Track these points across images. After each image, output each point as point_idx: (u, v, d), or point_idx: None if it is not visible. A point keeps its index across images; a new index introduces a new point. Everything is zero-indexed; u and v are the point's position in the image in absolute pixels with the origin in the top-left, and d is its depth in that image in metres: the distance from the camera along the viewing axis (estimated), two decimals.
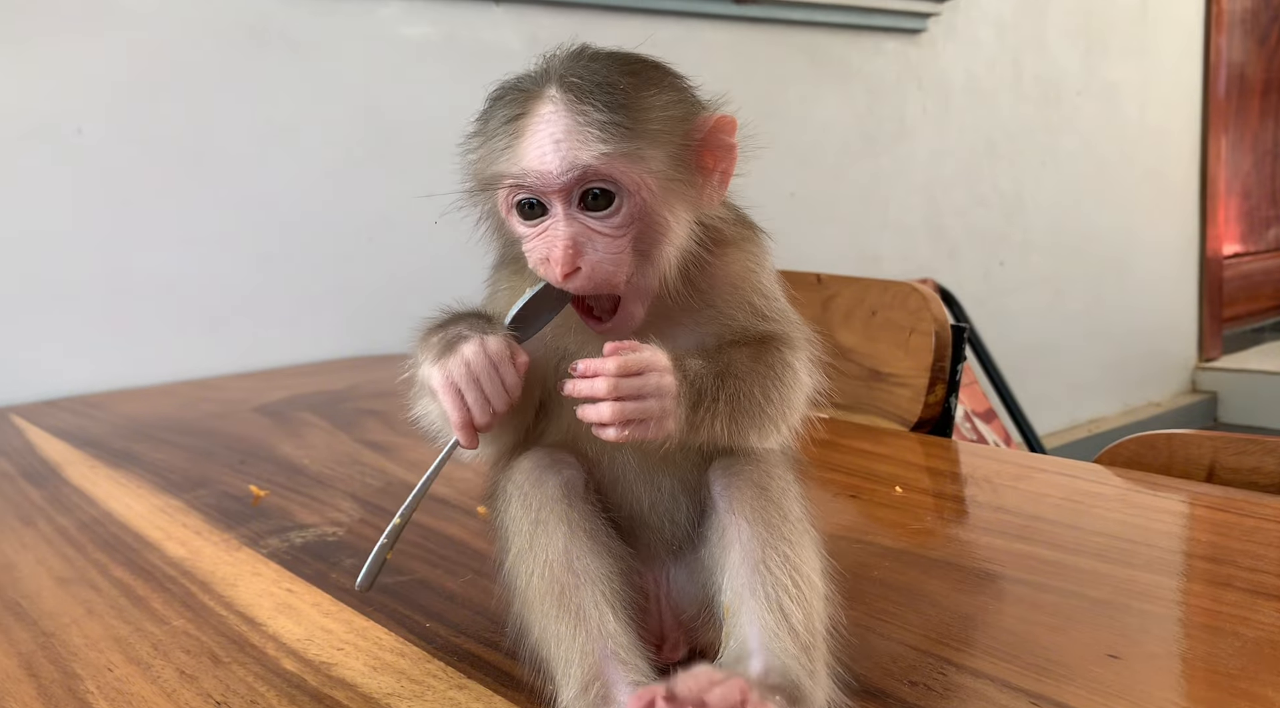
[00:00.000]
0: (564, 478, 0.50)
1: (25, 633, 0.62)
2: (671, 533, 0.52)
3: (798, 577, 0.47)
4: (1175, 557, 0.67)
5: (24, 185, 1.37)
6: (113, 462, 1.03)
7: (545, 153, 0.46)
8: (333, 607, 0.65)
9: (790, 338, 0.53)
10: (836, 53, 2.28)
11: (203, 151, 1.50)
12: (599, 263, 0.47)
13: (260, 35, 1.53)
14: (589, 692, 0.46)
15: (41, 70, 1.37)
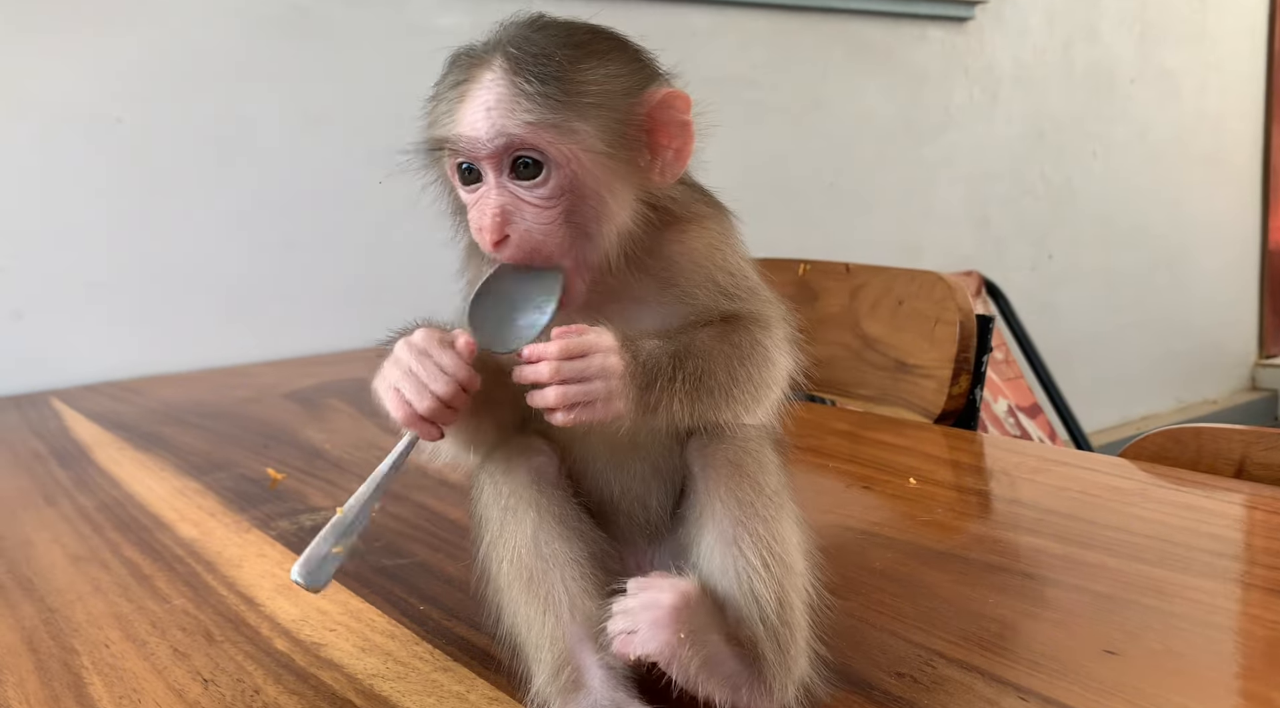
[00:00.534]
0: (534, 465, 0.50)
1: (31, 608, 0.64)
2: (644, 518, 0.52)
3: (770, 557, 0.47)
4: (1190, 553, 0.64)
5: (65, 174, 1.40)
6: (140, 445, 1.05)
7: (477, 119, 0.46)
8: (332, 589, 0.65)
9: (761, 315, 0.51)
10: (879, 41, 2.24)
11: (236, 141, 1.52)
12: (527, 232, 0.47)
13: (292, 26, 1.54)
14: (560, 676, 0.46)
15: (83, 62, 1.40)
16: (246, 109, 1.53)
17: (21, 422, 1.19)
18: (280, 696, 0.51)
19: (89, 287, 1.43)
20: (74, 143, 1.41)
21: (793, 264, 1.32)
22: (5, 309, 1.38)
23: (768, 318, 0.52)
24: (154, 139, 1.46)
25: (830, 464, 0.89)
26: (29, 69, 1.37)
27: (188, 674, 0.54)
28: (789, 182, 2.15)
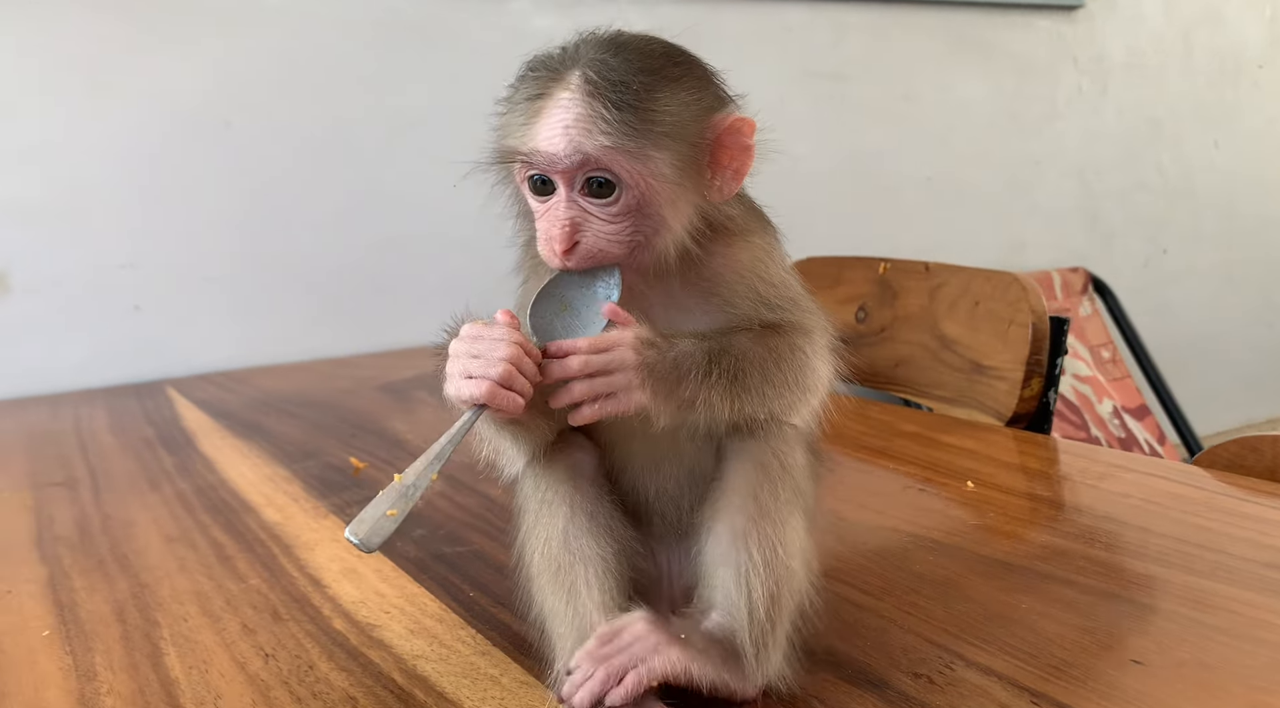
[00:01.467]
0: (573, 462, 0.53)
1: (125, 583, 0.70)
2: (676, 518, 0.54)
3: (772, 557, 0.48)
4: (1245, 565, 0.63)
5: (180, 176, 1.49)
6: (240, 432, 1.11)
7: (554, 137, 0.48)
8: (392, 573, 0.69)
9: (801, 324, 0.53)
10: (980, 32, 2.20)
11: (338, 142, 1.59)
12: (594, 243, 0.49)
13: (389, 31, 1.60)
14: None
15: (197, 68, 1.49)
16: (345, 112, 1.60)
17: (139, 409, 1.28)
18: (331, 672, 0.55)
19: (202, 281, 1.52)
20: (188, 146, 1.50)
21: (874, 262, 1.31)
22: (126, 303, 1.48)
23: (807, 326, 0.54)
24: (260, 141, 1.54)
25: (891, 466, 0.89)
26: (149, 76, 1.46)
27: (252, 649, 0.59)
28: (884, 177, 2.13)
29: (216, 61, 1.50)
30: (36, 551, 0.77)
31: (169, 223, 1.50)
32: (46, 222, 1.42)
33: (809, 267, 1.43)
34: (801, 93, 2.01)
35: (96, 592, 0.68)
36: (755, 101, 1.95)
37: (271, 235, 1.57)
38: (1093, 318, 2.31)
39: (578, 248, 0.49)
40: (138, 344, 1.48)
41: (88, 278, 1.45)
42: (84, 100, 1.43)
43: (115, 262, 1.47)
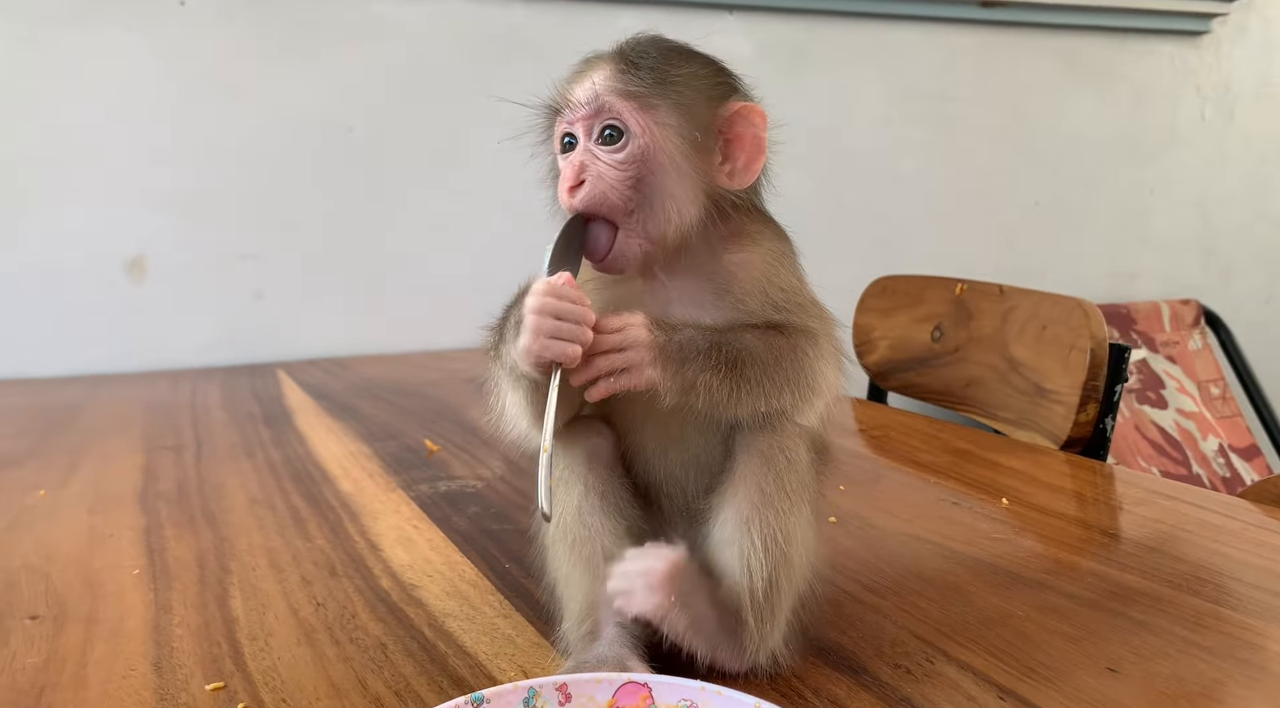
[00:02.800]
0: (590, 446, 0.58)
1: (210, 536, 0.78)
2: (683, 502, 0.58)
3: (771, 544, 0.52)
4: (1254, 592, 0.64)
5: (304, 176, 1.61)
6: (334, 413, 1.20)
7: (581, 90, 0.55)
8: (442, 543, 0.76)
9: (806, 327, 0.56)
10: (1098, 56, 2.17)
11: (451, 149, 1.69)
12: (596, 184, 0.54)
13: (504, 44, 1.69)
14: (581, 626, 0.54)
15: (324, 78, 1.60)
16: (459, 121, 1.69)
17: (249, 387, 1.39)
18: (369, 622, 0.62)
19: (319, 274, 1.64)
20: (313, 148, 1.61)
21: (952, 283, 1.33)
22: (249, 290, 1.60)
23: (812, 330, 0.57)
24: (379, 146, 1.65)
25: (933, 480, 0.91)
26: (279, 85, 1.58)
27: (306, 598, 0.66)
28: (988, 199, 2.12)
29: (341, 72, 1.61)
30: (139, 503, 0.86)
31: (292, 219, 1.62)
32: (181, 214, 1.55)
33: (891, 284, 1.45)
34: (906, 113, 2.03)
35: (183, 541, 0.77)
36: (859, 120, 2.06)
37: (385, 235, 1.67)
38: (1203, 352, 2.24)
39: (582, 188, 0.54)
40: (256, 329, 1.60)
41: (215, 266, 1.58)
42: (219, 106, 1.56)
43: (240, 252, 1.59)
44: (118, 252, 1.53)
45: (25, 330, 1.49)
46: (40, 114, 1.48)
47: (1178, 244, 2.32)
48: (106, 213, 1.52)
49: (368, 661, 0.57)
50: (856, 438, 1.10)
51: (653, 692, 0.45)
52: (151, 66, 1.52)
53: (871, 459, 1.00)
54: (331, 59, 1.61)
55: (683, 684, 0.45)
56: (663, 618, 0.51)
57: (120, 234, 1.53)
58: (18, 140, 1.47)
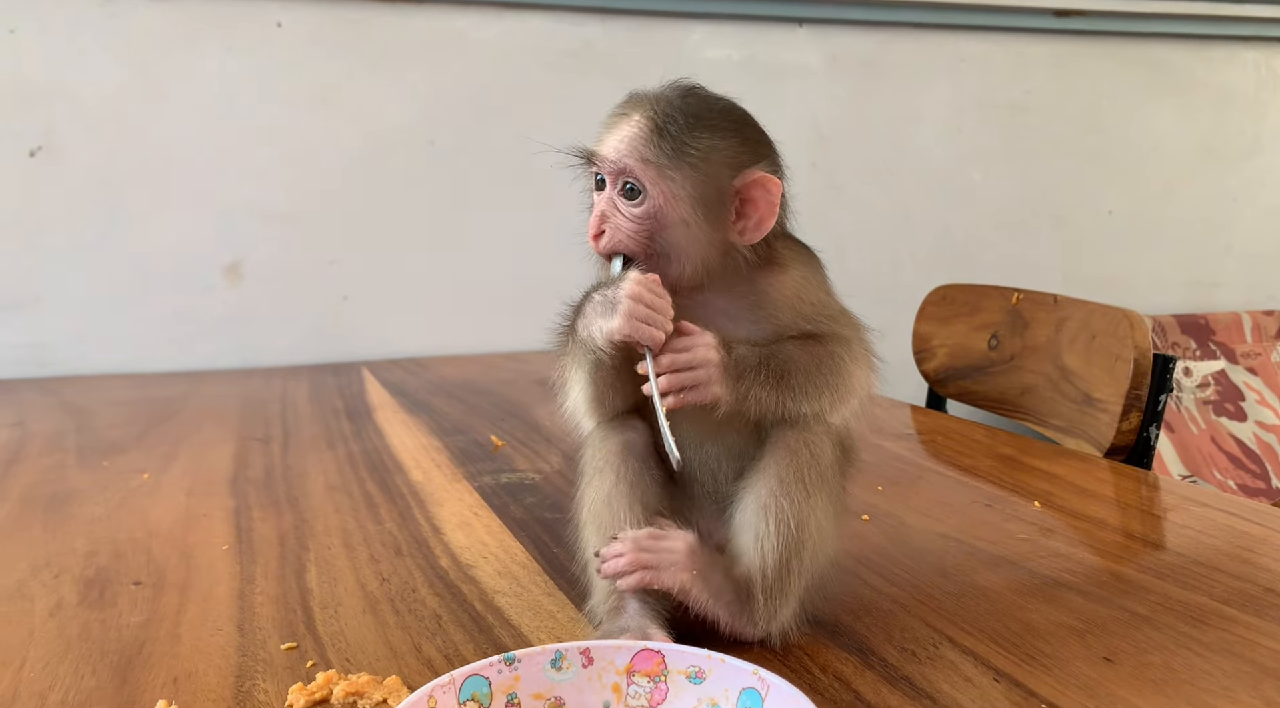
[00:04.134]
0: (625, 439, 0.63)
1: (291, 518, 0.86)
2: (714, 489, 0.64)
3: (785, 530, 0.57)
4: (1265, 595, 0.66)
5: (387, 185, 1.70)
6: (411, 409, 1.28)
7: (611, 146, 0.60)
8: (499, 529, 0.82)
9: (840, 335, 0.62)
10: (1177, 64, 2.14)
11: (527, 161, 1.76)
12: (615, 234, 0.60)
13: (579, 59, 1.76)
14: (608, 601, 0.60)
15: (407, 92, 1.69)
16: (539, 133, 1.76)
17: (335, 384, 1.48)
18: (428, 596, 0.68)
19: (401, 279, 1.73)
20: (396, 159, 1.70)
21: (1009, 292, 1.35)
22: (336, 293, 1.70)
23: (845, 337, 0.63)
24: (459, 158, 1.73)
25: (970, 482, 0.95)
26: (367, 98, 1.68)
27: (373, 574, 0.73)
28: (1060, 209, 2.12)
29: (424, 88, 1.70)
30: (230, 488, 0.95)
31: (376, 227, 1.71)
32: (275, 222, 1.66)
33: (950, 293, 1.47)
34: (977, 122, 2.04)
35: (268, 522, 0.85)
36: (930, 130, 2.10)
37: (463, 241, 1.75)
38: None
39: (602, 236, 0.60)
40: (343, 330, 1.70)
41: (305, 271, 1.68)
42: (311, 121, 1.66)
43: (328, 258, 1.69)
44: (217, 258, 1.64)
45: (134, 330, 1.61)
46: (151, 131, 1.59)
47: (1261, 254, 2.28)
48: (207, 222, 1.63)
49: (423, 629, 0.63)
50: (907, 442, 1.13)
51: (665, 658, 0.50)
52: (250, 85, 1.63)
53: (916, 463, 1.04)
54: (415, 75, 1.70)
55: (692, 653, 0.50)
56: (688, 593, 0.57)
57: (219, 242, 1.64)
58: (130, 156, 1.59)
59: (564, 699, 0.50)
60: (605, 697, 0.50)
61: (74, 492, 0.94)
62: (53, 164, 1.56)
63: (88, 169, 1.57)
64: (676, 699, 0.50)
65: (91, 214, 1.58)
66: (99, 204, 1.59)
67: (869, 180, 1.97)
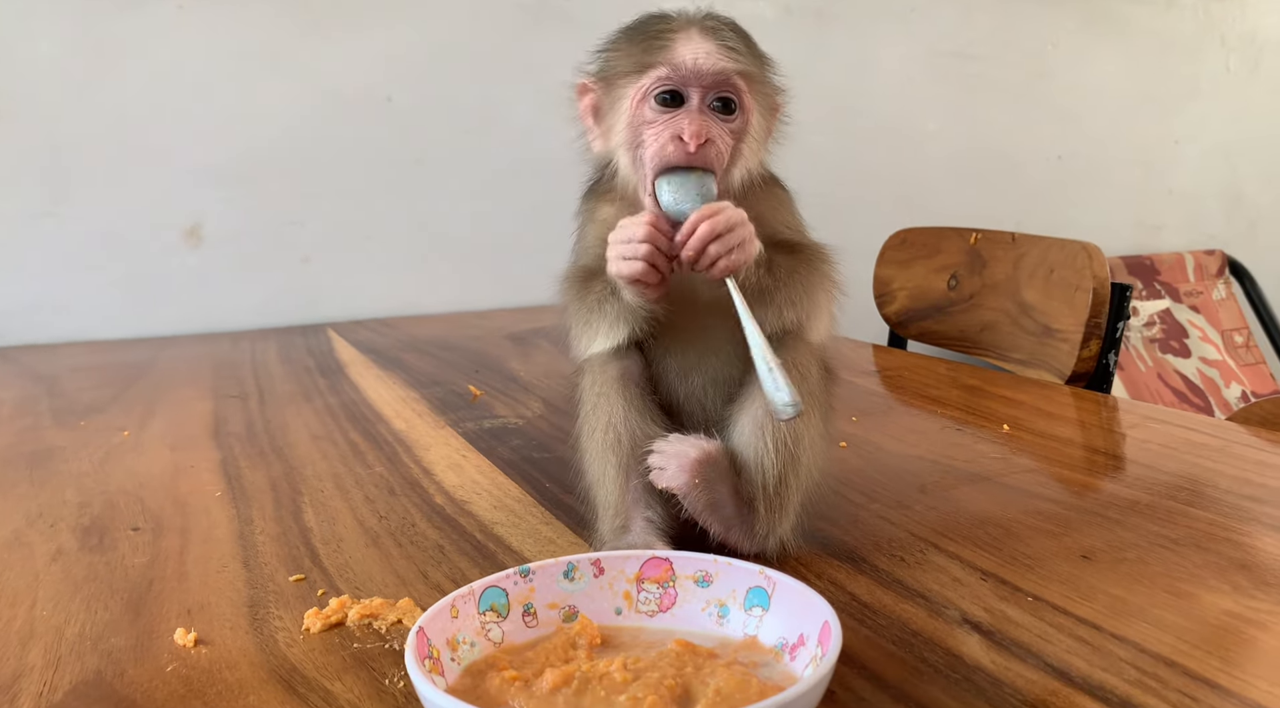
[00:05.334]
0: (623, 366, 0.65)
1: (280, 466, 0.86)
2: (703, 417, 0.66)
3: (781, 446, 0.60)
4: (1225, 496, 0.70)
5: (346, 144, 1.69)
6: (383, 365, 1.29)
7: (699, 56, 0.60)
8: (489, 469, 0.84)
9: (816, 245, 0.65)
10: (1118, 9, 2.19)
11: (487, 117, 1.76)
12: (714, 147, 0.60)
13: (535, 16, 1.76)
14: (615, 521, 0.62)
15: (363, 48, 1.68)
16: (496, 90, 1.76)
17: (303, 345, 1.47)
18: (428, 529, 0.70)
19: (363, 239, 1.72)
20: (353, 118, 1.69)
21: (967, 233, 1.38)
22: (297, 255, 1.69)
23: (821, 247, 0.66)
24: (418, 115, 1.72)
25: (940, 411, 0.98)
26: (321, 56, 1.66)
27: (370, 512, 0.74)
28: (1011, 154, 2.16)
29: (380, 44, 1.69)
30: (214, 441, 0.95)
31: (336, 186, 1.70)
32: (233, 184, 1.64)
33: (910, 236, 1.51)
34: (929, 72, 2.07)
35: (257, 470, 0.85)
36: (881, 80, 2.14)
37: (425, 200, 1.75)
38: (1227, 301, 2.27)
39: (706, 146, 0.60)
40: (305, 291, 1.69)
41: (265, 233, 1.66)
42: (265, 81, 1.64)
43: (288, 220, 1.68)
44: (176, 221, 1.62)
45: (93, 297, 1.59)
46: (102, 92, 1.56)
47: (1202, 195, 2.35)
48: (164, 184, 1.61)
49: (427, 558, 0.65)
50: (873, 378, 1.16)
51: (673, 565, 0.53)
52: (202, 44, 1.60)
53: (885, 396, 1.07)
54: (369, 31, 1.68)
55: (699, 558, 0.52)
56: (686, 495, 0.59)
57: (178, 204, 1.62)
58: (82, 118, 1.56)
59: (577, 608, 0.52)
60: (617, 603, 0.52)
61: (55, 449, 0.94)
62: (2, 130, 1.52)
63: (38, 133, 1.54)
64: (685, 603, 0.52)
65: (44, 180, 1.55)
66: (51, 169, 1.56)
67: (823, 130, 1.99)
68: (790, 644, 0.47)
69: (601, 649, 0.49)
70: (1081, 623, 0.52)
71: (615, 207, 0.66)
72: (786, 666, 0.46)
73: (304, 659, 0.51)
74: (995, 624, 0.53)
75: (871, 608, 0.55)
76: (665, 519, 0.61)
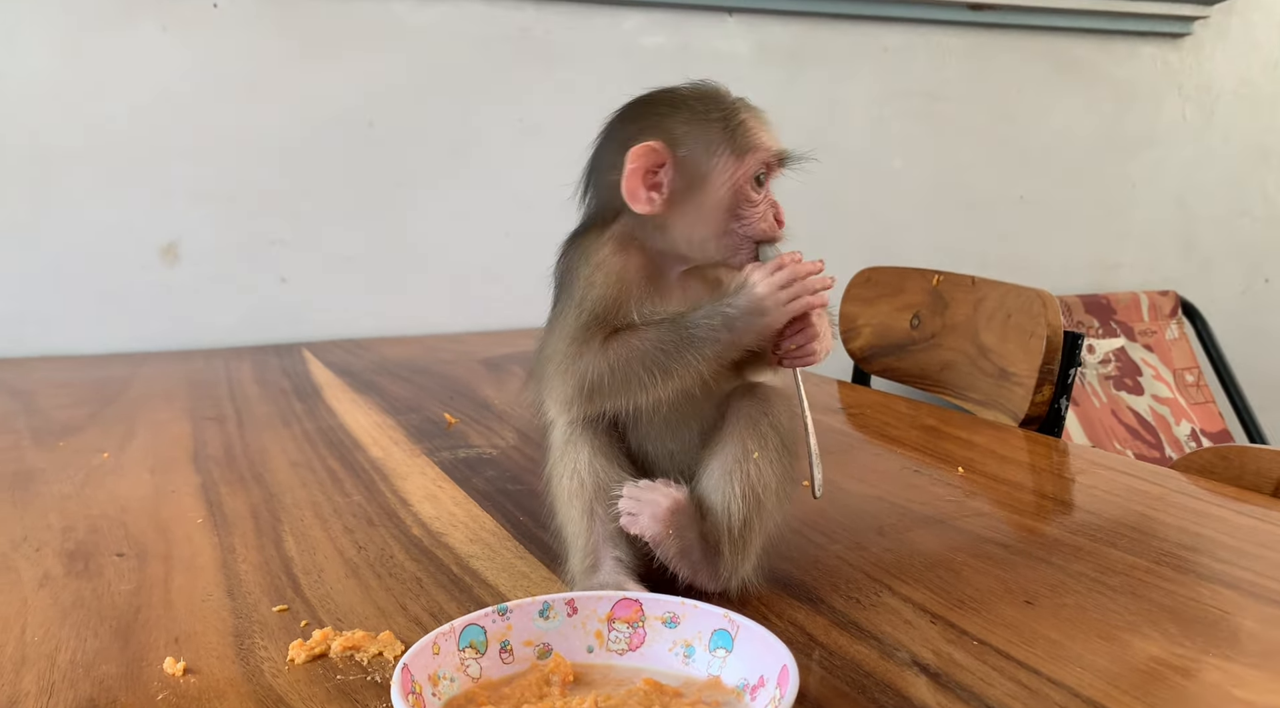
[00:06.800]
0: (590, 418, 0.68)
1: (259, 492, 0.89)
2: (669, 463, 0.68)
3: (748, 492, 0.64)
4: (1160, 544, 0.75)
5: (327, 167, 1.72)
6: (359, 389, 1.31)
7: (777, 143, 0.68)
8: (464, 500, 0.86)
9: None
10: (1083, 57, 2.26)
11: (466, 143, 1.79)
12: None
13: (516, 46, 1.79)
14: (585, 561, 0.65)
15: (345, 75, 1.71)
16: (475, 117, 1.79)
17: (278, 365, 1.49)
18: (406, 561, 0.73)
19: (341, 261, 1.74)
20: (335, 142, 1.72)
21: (929, 274, 1.43)
22: (275, 275, 1.71)
23: None
24: (398, 141, 1.75)
25: (900, 451, 1.02)
26: (303, 82, 1.69)
27: (350, 542, 0.76)
28: (976, 195, 2.22)
29: (362, 71, 1.72)
30: (193, 465, 0.97)
31: (315, 208, 1.72)
32: (211, 203, 1.66)
33: (875, 275, 1.55)
34: (898, 111, 2.12)
35: (236, 497, 0.88)
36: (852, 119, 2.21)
37: (403, 224, 1.78)
38: (1179, 341, 2.34)
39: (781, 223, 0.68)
40: (282, 311, 1.71)
41: (243, 252, 1.69)
42: (248, 102, 1.66)
43: (267, 239, 1.70)
44: (153, 238, 1.64)
45: (70, 311, 1.60)
46: (82, 110, 1.58)
47: (1158, 238, 2.42)
48: (143, 202, 1.62)
49: (406, 590, 0.67)
50: (838, 416, 1.20)
51: (643, 606, 0.56)
52: (186, 65, 1.62)
53: (848, 434, 1.11)
54: (352, 58, 1.71)
55: (667, 600, 0.56)
56: (659, 543, 0.62)
57: (155, 222, 1.64)
58: (61, 134, 1.57)
59: (551, 645, 0.55)
60: (589, 642, 0.56)
61: (35, 471, 0.95)
62: None
63: (19, 148, 1.56)
64: (654, 643, 0.55)
65: (24, 194, 1.57)
66: (31, 184, 1.57)
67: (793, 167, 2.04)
68: (751, 686, 0.50)
69: (574, 687, 0.52)
70: (1022, 667, 0.56)
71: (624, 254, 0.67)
72: (748, 705, 0.50)
73: (289, 690, 0.54)
74: (942, 667, 0.56)
75: (828, 649, 0.59)
76: (633, 559, 0.65)
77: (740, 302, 0.63)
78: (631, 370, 0.63)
